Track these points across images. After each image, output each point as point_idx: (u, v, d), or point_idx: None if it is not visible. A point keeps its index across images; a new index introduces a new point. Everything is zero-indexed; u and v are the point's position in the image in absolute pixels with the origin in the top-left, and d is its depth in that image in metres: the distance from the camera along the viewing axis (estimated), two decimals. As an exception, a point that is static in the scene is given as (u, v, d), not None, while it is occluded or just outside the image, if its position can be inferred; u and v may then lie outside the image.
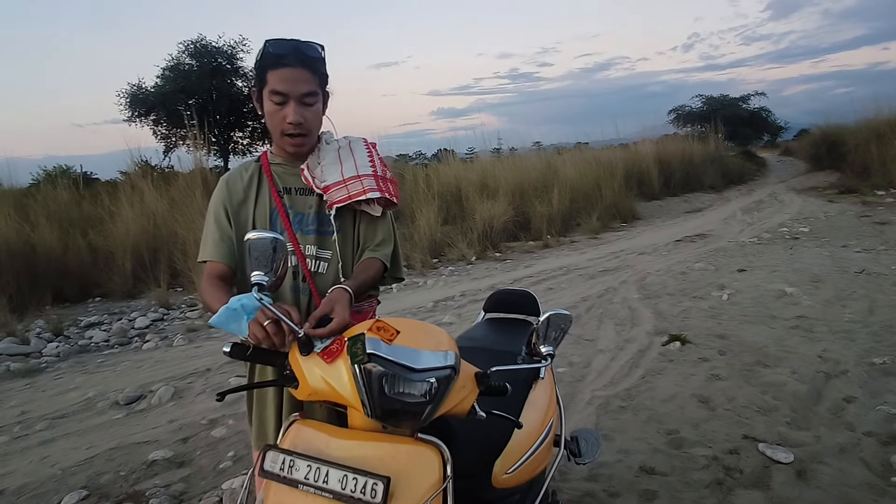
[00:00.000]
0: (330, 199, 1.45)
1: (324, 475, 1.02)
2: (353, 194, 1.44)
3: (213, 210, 1.49)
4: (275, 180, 1.49)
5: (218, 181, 1.54)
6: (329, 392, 1.09)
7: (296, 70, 1.35)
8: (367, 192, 1.44)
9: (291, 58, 1.35)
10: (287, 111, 1.37)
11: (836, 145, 16.02)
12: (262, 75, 1.37)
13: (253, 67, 1.43)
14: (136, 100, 16.44)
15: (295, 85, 1.36)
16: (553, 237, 9.32)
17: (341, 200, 1.44)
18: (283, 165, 1.51)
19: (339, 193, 1.44)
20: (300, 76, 1.36)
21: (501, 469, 1.45)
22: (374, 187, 1.45)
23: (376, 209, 1.50)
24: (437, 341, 1.13)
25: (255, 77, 1.42)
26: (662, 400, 3.17)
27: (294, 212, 1.48)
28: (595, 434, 2.07)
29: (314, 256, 1.47)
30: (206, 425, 3.16)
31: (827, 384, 3.22)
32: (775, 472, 2.41)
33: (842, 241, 7.36)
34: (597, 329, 4.51)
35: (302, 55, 1.36)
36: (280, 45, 1.35)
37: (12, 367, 4.39)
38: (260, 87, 1.40)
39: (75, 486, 2.58)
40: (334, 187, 1.45)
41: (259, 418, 1.51)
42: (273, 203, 1.47)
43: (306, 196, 1.49)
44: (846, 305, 4.61)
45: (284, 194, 1.48)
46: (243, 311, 1.15)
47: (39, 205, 7.85)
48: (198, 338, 5.01)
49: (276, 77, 1.35)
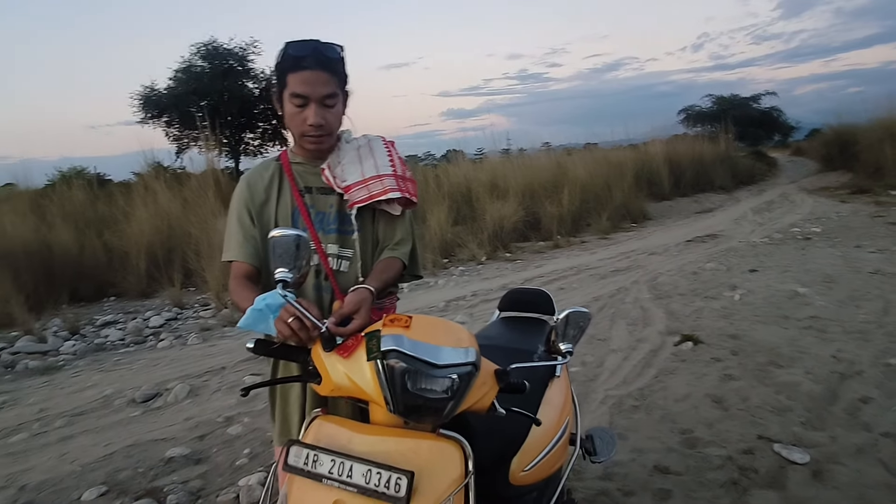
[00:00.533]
0: (351, 198, 1.46)
1: (347, 469, 1.03)
2: (374, 194, 1.45)
3: (235, 210, 1.51)
4: (296, 179, 1.50)
5: (238, 181, 1.55)
6: (352, 388, 1.11)
7: (315, 72, 1.35)
8: (387, 192, 1.45)
9: (311, 60, 1.34)
10: (308, 113, 1.37)
11: (849, 145, 15.87)
12: (282, 78, 1.38)
13: (272, 69, 1.42)
14: (149, 101, 16.59)
15: (315, 87, 1.35)
16: (563, 237, 9.30)
17: (362, 200, 1.45)
18: (304, 165, 1.52)
19: (360, 193, 1.45)
20: (320, 78, 1.35)
21: (519, 466, 1.46)
22: (395, 187, 1.46)
23: (396, 208, 1.51)
24: (458, 338, 1.14)
25: (274, 79, 1.43)
26: (676, 399, 3.17)
27: (316, 211, 1.49)
28: (610, 433, 2.08)
29: (336, 255, 1.49)
30: (222, 423, 3.19)
31: (842, 384, 3.21)
32: (791, 472, 2.41)
33: (855, 241, 7.30)
34: (609, 329, 4.50)
35: (321, 57, 1.36)
36: (299, 46, 1.35)
37: (30, 364, 4.45)
38: (280, 89, 1.40)
39: (94, 482, 2.61)
40: (355, 187, 1.45)
41: (282, 414, 1.53)
42: (295, 202, 1.48)
43: (327, 195, 1.50)
44: (860, 306, 4.58)
45: (306, 193, 1.49)
46: (269, 310, 1.18)
47: (55, 205, 7.95)
48: (212, 336, 5.06)
49: (296, 80, 1.35)
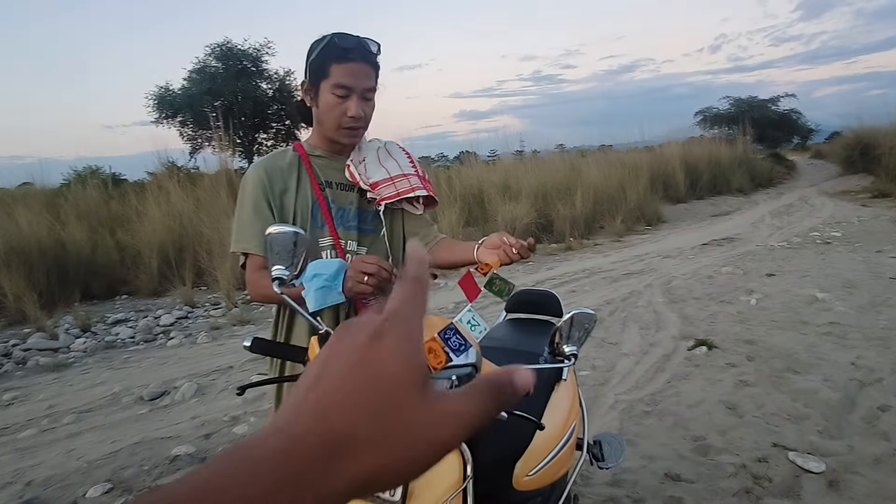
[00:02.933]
0: (378, 195, 1.45)
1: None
2: (402, 191, 1.46)
3: (250, 198, 1.44)
4: (315, 172, 1.47)
5: (250, 168, 1.49)
6: (348, 388, 1.08)
7: (360, 65, 1.36)
8: (415, 190, 1.46)
9: (357, 52, 1.36)
10: (349, 104, 1.37)
11: (870, 148, 15.60)
12: (324, 67, 1.36)
13: (308, 60, 1.40)
14: (164, 102, 16.76)
15: (359, 79, 1.36)
16: (576, 239, 9.22)
17: (390, 197, 1.45)
18: (324, 158, 1.49)
19: (388, 190, 1.45)
20: (364, 71, 1.37)
21: (522, 471, 1.42)
22: (421, 186, 1.48)
23: (419, 208, 1.54)
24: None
25: (311, 68, 1.40)
26: (688, 405, 3.10)
27: (336, 206, 1.47)
28: (619, 439, 2.02)
29: (354, 252, 1.47)
30: (228, 422, 3.18)
31: (860, 392, 3.12)
32: (806, 481, 2.34)
33: (876, 245, 7.14)
34: (621, 332, 4.44)
35: (366, 50, 1.38)
36: (346, 38, 1.36)
37: (41, 361, 4.48)
38: (318, 78, 1.38)
39: (100, 478, 2.61)
40: (382, 184, 1.46)
41: None
42: (314, 196, 1.45)
43: (347, 191, 1.49)
44: (881, 312, 4.46)
45: (326, 188, 1.47)
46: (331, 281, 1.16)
47: (70, 204, 8.03)
48: (221, 335, 5.06)
49: (342, 70, 1.35)
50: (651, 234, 9.98)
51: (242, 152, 17.30)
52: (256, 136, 18.37)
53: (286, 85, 18.07)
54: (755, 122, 20.35)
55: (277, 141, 18.73)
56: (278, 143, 18.68)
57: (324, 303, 1.17)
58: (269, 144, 18.70)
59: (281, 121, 18.51)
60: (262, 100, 17.55)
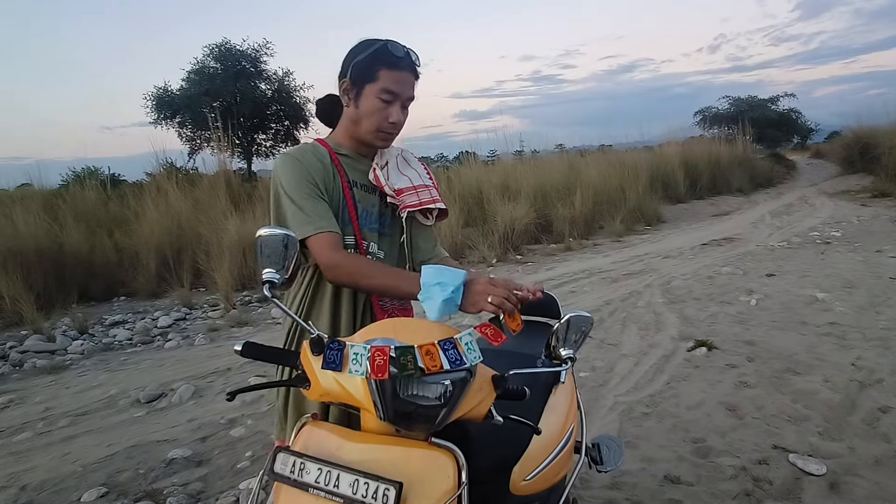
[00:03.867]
0: (403, 202, 1.48)
1: (335, 479, 0.98)
2: (424, 201, 1.50)
3: (302, 183, 1.37)
4: (345, 171, 1.47)
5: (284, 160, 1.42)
6: (341, 393, 1.06)
7: (408, 74, 1.40)
8: (436, 202, 1.52)
9: (407, 62, 1.39)
10: (392, 111, 1.40)
11: (869, 148, 15.58)
12: (373, 72, 1.37)
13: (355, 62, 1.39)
14: (162, 102, 16.76)
15: (405, 88, 1.40)
16: (575, 240, 9.20)
17: (413, 205, 1.48)
18: (350, 158, 1.49)
19: (411, 199, 1.49)
20: (410, 81, 1.41)
21: (520, 475, 1.41)
22: (440, 199, 1.53)
23: (430, 219, 1.56)
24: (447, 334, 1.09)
25: (355, 69, 1.39)
26: (688, 407, 3.08)
27: (361, 207, 1.47)
28: (617, 441, 2.01)
29: (373, 255, 1.47)
30: (224, 425, 3.16)
31: (861, 393, 3.10)
32: (806, 484, 2.32)
33: (875, 245, 7.13)
34: (620, 333, 4.42)
35: (413, 62, 1.41)
36: (398, 47, 1.39)
37: (38, 363, 4.46)
38: (364, 81, 1.38)
39: (95, 483, 2.59)
40: (406, 192, 1.49)
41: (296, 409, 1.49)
42: (343, 194, 1.45)
43: (370, 193, 1.50)
44: (881, 312, 4.45)
45: (353, 187, 1.47)
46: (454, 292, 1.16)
47: (68, 205, 8.01)
48: (219, 337, 5.05)
49: (392, 77, 1.37)
50: (651, 234, 9.97)
51: (241, 153, 17.31)
52: (255, 136, 18.38)
53: (285, 85, 18.08)
54: (755, 121, 20.35)
55: (276, 141, 18.73)
56: (277, 143, 18.69)
57: (445, 313, 1.17)
58: (268, 145, 18.71)
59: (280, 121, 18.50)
60: (261, 100, 17.55)
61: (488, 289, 1.17)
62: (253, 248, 7.28)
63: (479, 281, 1.19)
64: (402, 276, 1.31)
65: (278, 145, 18.66)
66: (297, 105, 18.21)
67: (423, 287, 1.19)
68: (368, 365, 0.99)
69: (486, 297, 1.16)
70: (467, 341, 1.04)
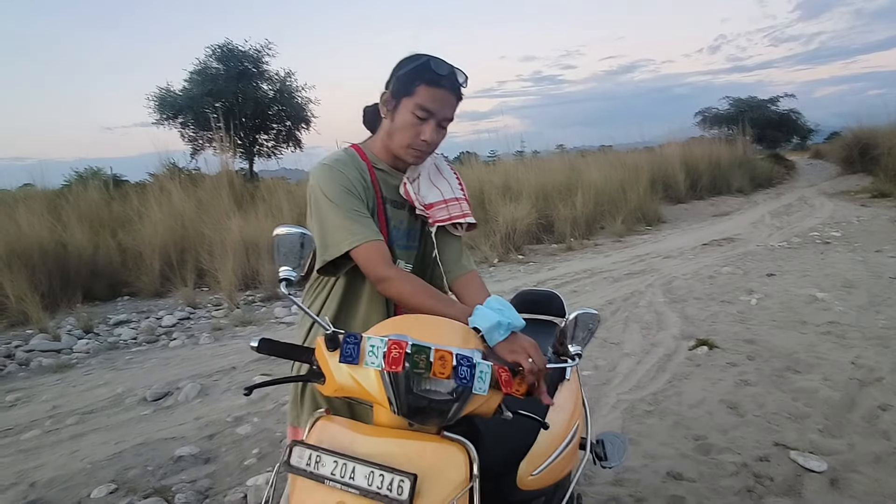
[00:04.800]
0: (433, 217, 1.48)
1: (350, 471, 1.01)
2: (454, 216, 1.50)
3: (346, 193, 1.37)
4: (379, 186, 1.46)
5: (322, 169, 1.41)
6: (356, 389, 1.09)
7: (447, 93, 1.37)
8: (466, 216, 1.51)
9: (448, 80, 1.36)
10: (426, 128, 1.37)
11: (869, 148, 15.63)
12: (412, 86, 1.36)
13: (398, 74, 1.39)
14: (165, 103, 16.76)
15: (443, 107, 1.38)
16: (576, 240, 9.24)
17: (443, 220, 1.49)
18: (386, 173, 1.48)
19: (441, 213, 1.49)
20: (449, 101, 1.38)
21: (527, 471, 1.43)
22: (469, 212, 1.53)
23: (460, 230, 1.56)
24: (465, 338, 1.12)
25: (396, 82, 1.39)
26: (690, 405, 3.11)
27: (392, 224, 1.47)
28: (621, 438, 2.03)
29: None
30: (231, 422, 3.19)
31: (861, 391, 3.13)
32: (807, 480, 2.35)
33: (875, 245, 7.16)
34: (622, 332, 4.45)
35: (456, 82, 1.38)
36: (441, 65, 1.36)
37: (44, 362, 4.49)
38: (402, 94, 1.37)
39: (104, 479, 2.62)
40: (437, 206, 1.49)
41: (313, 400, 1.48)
42: (377, 209, 1.44)
43: (399, 209, 1.49)
44: (880, 311, 4.48)
45: (385, 202, 1.47)
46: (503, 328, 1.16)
47: (71, 206, 8.04)
48: (223, 336, 5.07)
49: (430, 94, 1.35)
50: (652, 234, 10.00)
51: (243, 153, 17.32)
52: (257, 136, 18.37)
53: (287, 86, 18.08)
54: (755, 122, 20.38)
55: (278, 142, 18.74)
56: (279, 144, 18.70)
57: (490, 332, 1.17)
58: (270, 145, 18.71)
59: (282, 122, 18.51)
60: (263, 101, 17.55)
61: (532, 351, 1.16)
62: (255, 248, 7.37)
63: (527, 338, 1.19)
64: (450, 304, 1.31)
65: (280, 145, 18.67)
66: (299, 105, 18.22)
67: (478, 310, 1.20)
68: (383, 358, 1.02)
69: (526, 355, 1.15)
70: (483, 370, 1.06)
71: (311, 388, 1.49)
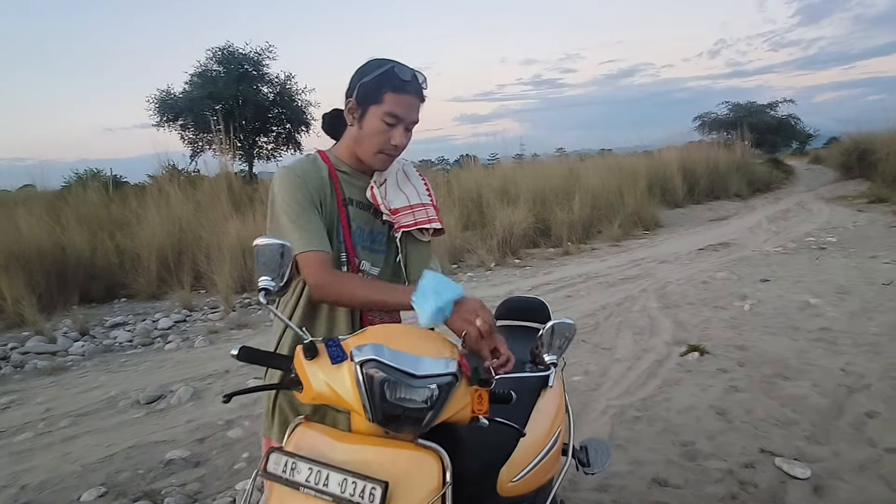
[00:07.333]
0: (398, 222, 1.50)
1: (324, 478, 1.03)
2: (420, 221, 1.51)
3: (298, 199, 1.39)
4: (341, 188, 1.48)
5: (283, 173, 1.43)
6: (332, 396, 1.11)
7: (413, 98, 1.41)
8: (432, 222, 1.52)
9: (413, 86, 1.40)
10: (395, 134, 1.40)
11: (867, 153, 15.68)
12: (379, 94, 1.38)
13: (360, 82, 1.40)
14: (165, 105, 16.83)
15: (410, 112, 1.41)
16: (573, 244, 9.26)
17: (408, 225, 1.50)
18: (349, 175, 1.50)
19: (407, 219, 1.50)
20: (415, 105, 1.42)
21: (507, 477, 1.45)
22: (436, 217, 1.54)
23: (426, 235, 1.57)
24: (439, 348, 1.14)
25: (362, 90, 1.40)
26: (678, 411, 3.13)
27: (355, 225, 1.48)
28: (605, 444, 2.05)
29: (367, 273, 1.49)
30: (222, 426, 3.21)
31: (849, 398, 3.15)
32: (791, 487, 2.37)
33: (870, 251, 7.18)
34: (615, 338, 4.47)
35: (419, 85, 1.42)
36: (405, 71, 1.39)
37: (39, 364, 4.51)
38: (369, 102, 1.39)
39: (94, 482, 2.64)
40: (402, 212, 1.50)
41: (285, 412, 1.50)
42: (338, 212, 1.46)
43: (365, 211, 1.51)
44: (872, 318, 4.50)
45: (348, 204, 1.48)
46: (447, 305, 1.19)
47: (70, 207, 8.06)
48: (218, 339, 5.10)
49: (397, 101, 1.37)
50: (648, 238, 10.02)
51: (243, 155, 17.36)
52: (257, 139, 18.45)
53: (287, 89, 18.16)
54: (753, 127, 20.46)
55: (278, 144, 18.81)
56: (279, 146, 18.77)
57: (434, 321, 1.19)
58: (270, 148, 18.78)
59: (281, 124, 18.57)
60: (263, 104, 17.63)
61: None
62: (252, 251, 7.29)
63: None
64: (389, 289, 1.33)
65: (280, 148, 18.75)
66: (299, 108, 18.29)
67: (419, 290, 1.22)
68: None
69: (475, 317, 1.18)
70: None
71: (281, 399, 1.51)
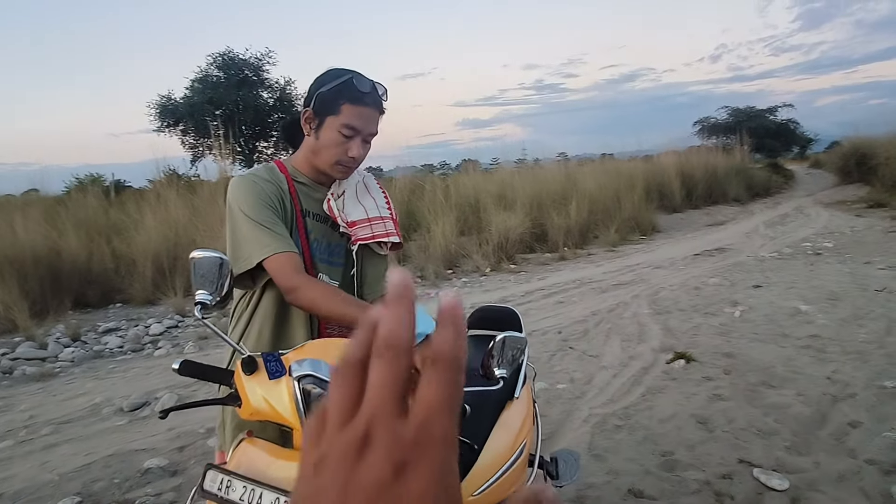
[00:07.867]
0: (355, 235, 1.49)
1: (258, 497, 1.02)
2: (377, 234, 1.50)
3: (261, 204, 1.37)
4: (299, 199, 1.46)
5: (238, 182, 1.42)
6: (270, 412, 1.10)
7: (372, 110, 1.39)
8: (389, 236, 1.51)
9: (371, 98, 1.38)
10: (352, 145, 1.39)
11: (867, 158, 15.61)
12: (336, 105, 1.36)
13: (318, 92, 1.38)
14: (166, 110, 16.91)
15: (368, 124, 1.40)
16: (570, 249, 9.24)
17: (365, 238, 1.49)
18: (307, 186, 1.49)
19: (364, 231, 1.49)
20: (373, 116, 1.40)
21: (467, 491, 1.44)
22: (395, 231, 1.53)
23: (384, 249, 1.57)
24: None
25: (319, 100, 1.39)
26: (660, 420, 3.11)
27: (312, 237, 1.47)
28: (575, 455, 2.04)
29: None
30: (203, 434, 3.20)
31: (833, 407, 3.12)
32: (768, 499, 2.35)
33: (865, 257, 7.14)
34: (603, 345, 4.45)
35: (378, 97, 1.41)
36: (363, 82, 1.37)
37: (28, 371, 4.51)
38: (326, 113, 1.38)
39: (69, 492, 2.63)
40: (360, 224, 1.49)
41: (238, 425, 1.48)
42: (296, 223, 1.45)
43: (322, 223, 1.50)
44: (862, 325, 4.47)
45: (306, 216, 1.47)
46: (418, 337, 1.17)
47: (69, 212, 8.08)
48: (208, 345, 5.09)
49: (354, 112, 1.36)
50: (645, 243, 9.99)
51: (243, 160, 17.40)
52: (257, 144, 18.51)
53: (287, 94, 18.22)
54: (753, 131, 20.38)
55: (278, 149, 18.84)
56: (278, 151, 18.79)
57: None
58: (270, 153, 18.82)
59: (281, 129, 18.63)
60: (263, 109, 17.70)
61: None
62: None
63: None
64: (362, 307, 1.29)
65: (279, 153, 18.78)
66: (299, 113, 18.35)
67: None
68: None
69: None
70: None
71: (233, 411, 1.50)
